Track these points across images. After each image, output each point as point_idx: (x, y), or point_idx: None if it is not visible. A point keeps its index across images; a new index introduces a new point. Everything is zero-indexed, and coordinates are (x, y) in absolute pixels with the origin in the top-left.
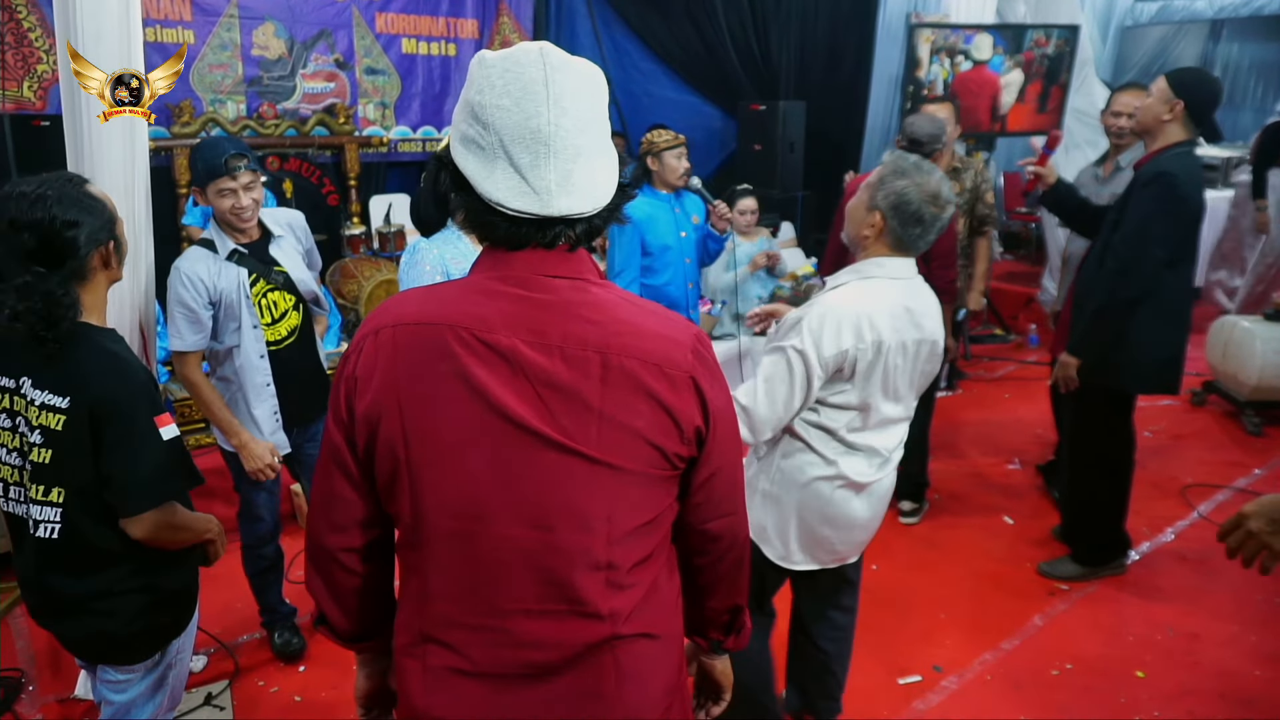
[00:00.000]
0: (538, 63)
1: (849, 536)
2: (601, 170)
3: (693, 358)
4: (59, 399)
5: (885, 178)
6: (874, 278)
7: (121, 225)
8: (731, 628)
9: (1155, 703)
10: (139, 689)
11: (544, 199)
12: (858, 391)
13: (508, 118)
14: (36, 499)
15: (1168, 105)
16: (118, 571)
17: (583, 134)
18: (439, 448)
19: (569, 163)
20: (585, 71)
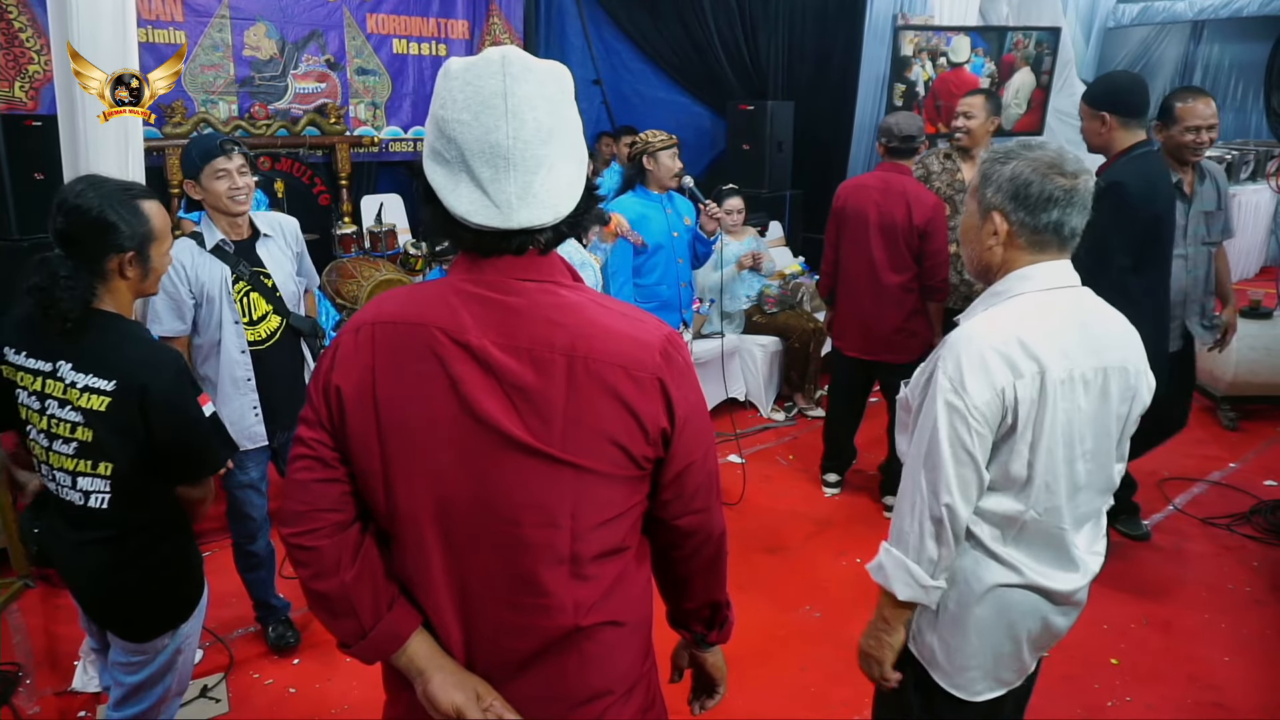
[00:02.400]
0: (497, 74)
1: None
2: (565, 177)
3: (660, 359)
4: (104, 382)
5: (987, 173)
6: (1020, 294)
7: (160, 245)
8: (714, 622)
9: (1128, 688)
10: (150, 671)
11: (505, 213)
12: (1018, 463)
13: (468, 132)
14: (84, 472)
15: (1099, 121)
16: (143, 542)
17: (544, 144)
18: (412, 443)
19: (529, 175)
20: (547, 77)
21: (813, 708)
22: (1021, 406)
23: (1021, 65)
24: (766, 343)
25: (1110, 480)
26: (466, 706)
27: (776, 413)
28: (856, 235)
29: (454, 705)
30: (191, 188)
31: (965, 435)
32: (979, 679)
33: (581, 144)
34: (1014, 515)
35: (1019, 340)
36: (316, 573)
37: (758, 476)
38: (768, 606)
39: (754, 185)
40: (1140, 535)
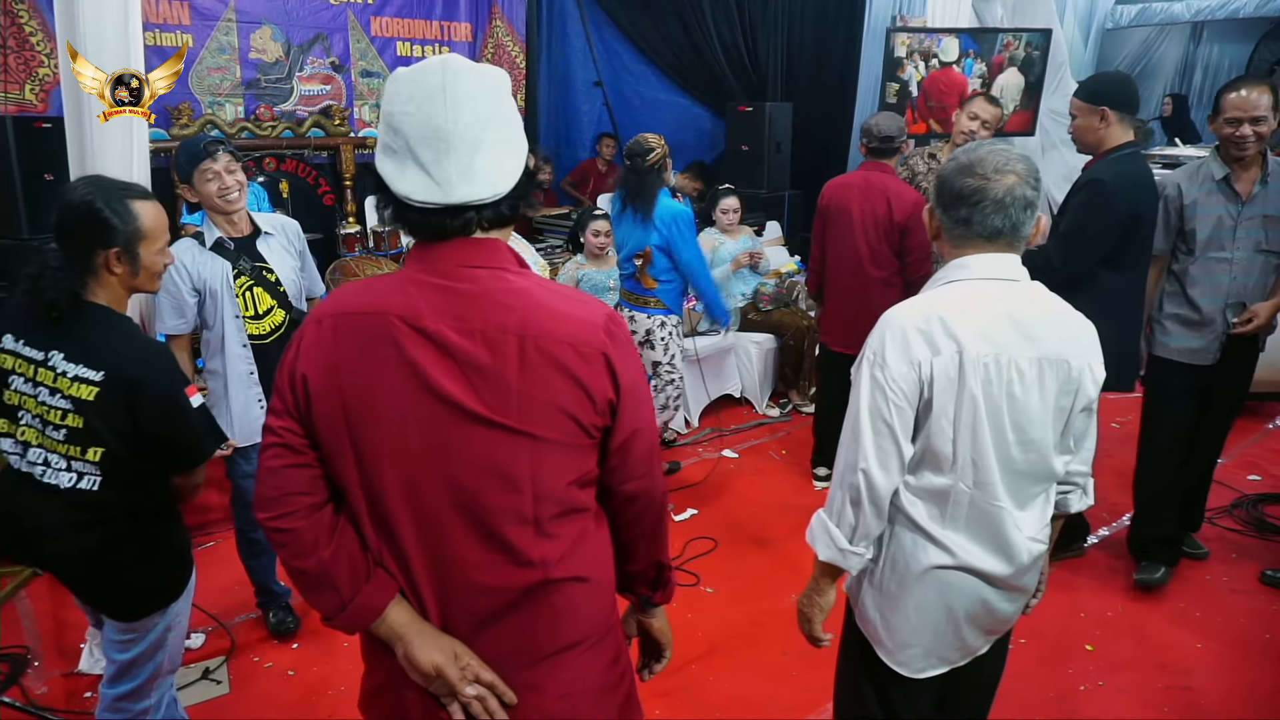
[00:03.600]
0: (438, 72)
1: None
2: (506, 160)
3: (604, 335)
4: (92, 373)
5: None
6: (955, 280)
7: (151, 244)
8: (658, 583)
9: (1101, 673)
10: (141, 648)
11: (445, 189)
12: (941, 439)
13: (412, 121)
14: (75, 456)
15: (1097, 116)
16: (133, 524)
17: (482, 129)
18: (378, 424)
19: (469, 155)
20: (483, 75)
21: (792, 689)
22: (937, 382)
23: (1009, 66)
24: (761, 340)
25: (1052, 470)
26: (446, 665)
27: (771, 409)
28: (841, 232)
29: (434, 664)
30: (186, 191)
31: (884, 406)
32: (919, 656)
33: (520, 138)
34: (944, 489)
35: (940, 319)
36: (296, 552)
37: (750, 471)
38: (753, 594)
39: (753, 186)
40: (1200, 554)
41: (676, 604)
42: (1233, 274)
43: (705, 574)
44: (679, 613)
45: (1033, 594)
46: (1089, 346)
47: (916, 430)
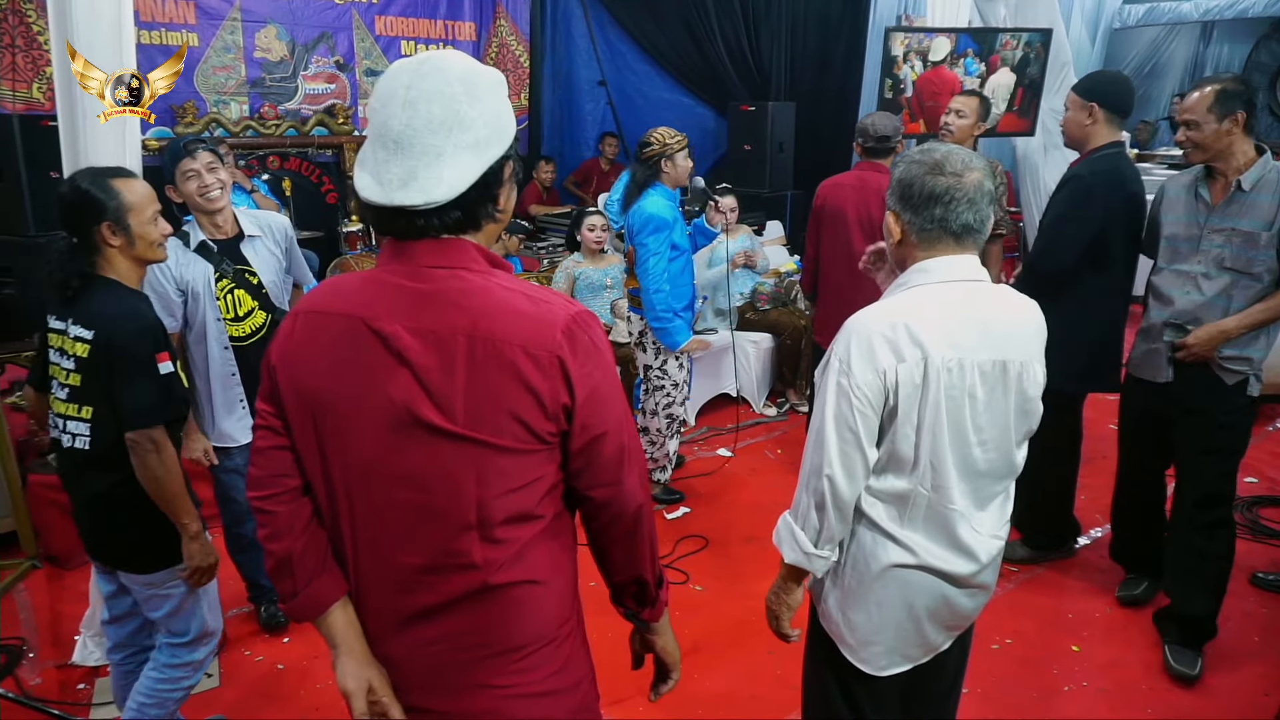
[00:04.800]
0: (411, 70)
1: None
2: (453, 169)
3: (561, 337)
4: (86, 332)
5: (890, 181)
6: (918, 285)
7: (139, 214)
8: (643, 599)
9: (1086, 673)
10: (171, 604)
11: (385, 191)
12: (905, 444)
13: (375, 119)
14: (72, 415)
15: (1086, 111)
16: (125, 481)
17: (434, 134)
18: (336, 421)
19: (414, 160)
20: (455, 78)
21: (775, 687)
22: (903, 389)
23: (1001, 67)
24: (759, 339)
25: (1014, 465)
26: (355, 695)
27: (769, 408)
28: (836, 232)
29: (345, 691)
30: (173, 192)
31: (849, 413)
32: (882, 654)
33: (495, 143)
34: (904, 493)
35: (905, 326)
36: (272, 534)
37: (745, 470)
38: (741, 593)
39: (755, 185)
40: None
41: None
42: (1187, 289)
43: (695, 572)
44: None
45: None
46: (1033, 347)
47: (881, 435)
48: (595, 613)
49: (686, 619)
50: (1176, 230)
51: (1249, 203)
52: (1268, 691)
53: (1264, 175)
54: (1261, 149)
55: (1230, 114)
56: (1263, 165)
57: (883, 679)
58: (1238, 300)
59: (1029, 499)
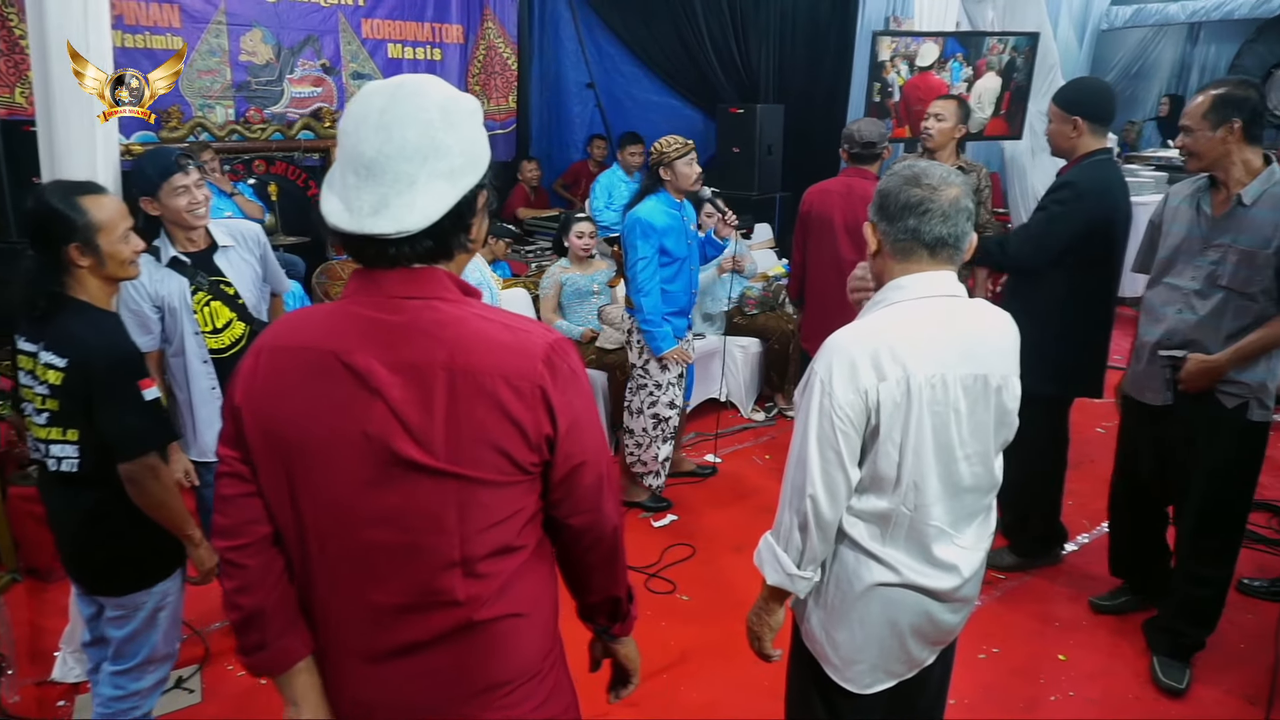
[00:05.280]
0: (384, 92)
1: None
2: (426, 197)
3: (542, 367)
4: (58, 359)
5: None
6: (895, 303)
7: (109, 233)
8: (616, 615)
9: (1072, 683)
10: (134, 625)
11: (355, 219)
12: (887, 463)
13: (347, 142)
14: (58, 439)
15: (1070, 124)
16: (111, 502)
17: (408, 161)
18: (309, 462)
19: (386, 187)
20: (432, 103)
21: (762, 699)
22: (884, 408)
23: (987, 71)
24: (747, 344)
25: (995, 478)
26: None
27: (757, 413)
28: (823, 238)
29: None
30: (149, 204)
31: (831, 434)
32: (867, 672)
33: (467, 171)
34: (886, 512)
35: (887, 345)
36: (241, 586)
37: (732, 476)
38: (729, 602)
39: (744, 188)
40: None
41: (650, 611)
42: (1179, 307)
43: (681, 581)
44: (653, 620)
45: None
46: (1008, 360)
47: (863, 454)
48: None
49: (673, 629)
50: (1176, 242)
51: (1249, 218)
52: (1253, 700)
53: (1267, 190)
54: (1269, 160)
55: (1226, 121)
56: (1266, 179)
57: (867, 696)
58: (1231, 321)
59: (1016, 506)
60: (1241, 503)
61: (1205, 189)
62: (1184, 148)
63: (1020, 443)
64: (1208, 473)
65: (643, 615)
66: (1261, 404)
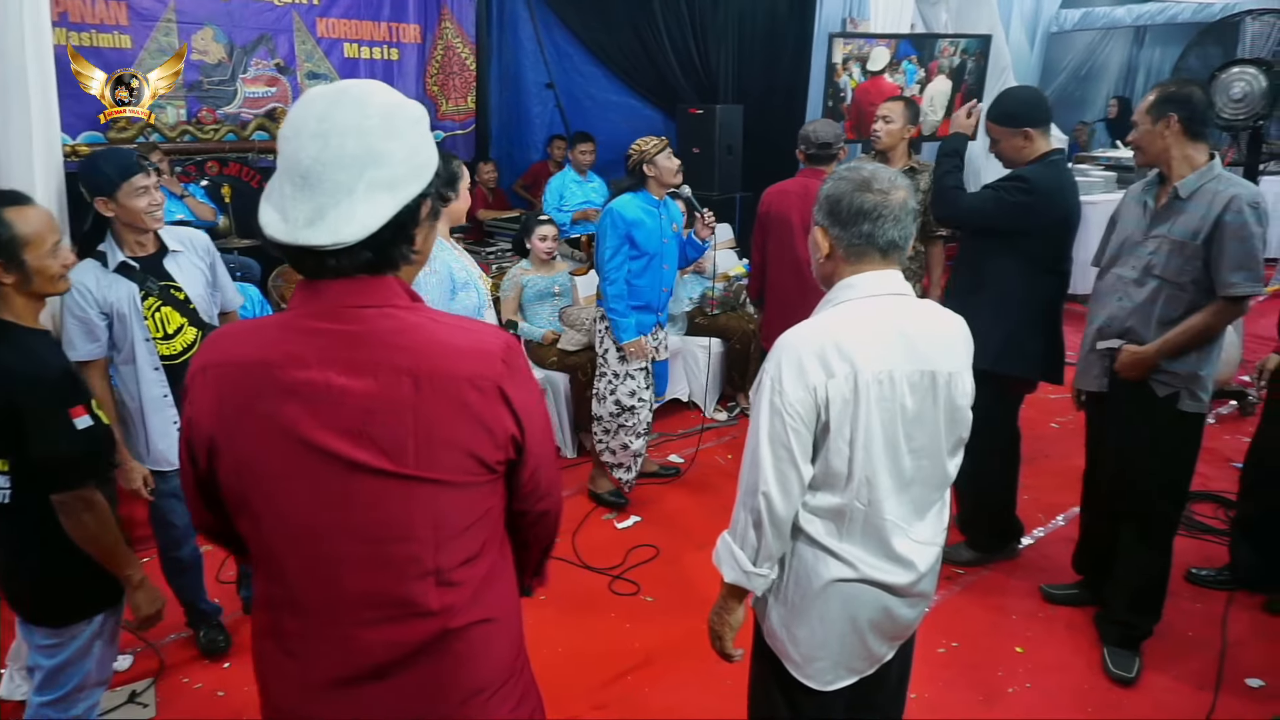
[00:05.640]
0: (325, 98)
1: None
2: (365, 207)
3: (501, 367)
4: None
5: (817, 197)
6: (845, 301)
7: (36, 248)
8: (539, 571)
9: (1029, 674)
10: (66, 654)
11: (291, 229)
12: (838, 459)
13: (286, 148)
14: None
15: (1020, 136)
16: (46, 532)
17: (345, 170)
18: (264, 480)
19: (324, 197)
20: (374, 110)
21: (726, 698)
22: (834, 404)
23: (938, 74)
24: (708, 344)
25: (946, 475)
26: None
27: (719, 413)
28: (781, 238)
29: None
30: (104, 205)
31: (782, 431)
32: (828, 669)
33: (409, 181)
34: (840, 508)
35: (834, 343)
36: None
37: (696, 476)
38: (693, 602)
39: (704, 188)
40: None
41: (614, 614)
42: (1119, 295)
43: (645, 582)
44: (617, 623)
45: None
46: (958, 356)
47: (815, 451)
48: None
49: (637, 630)
50: (1124, 235)
51: (1183, 211)
52: (1201, 687)
53: (1202, 185)
54: (1214, 157)
55: (1163, 116)
56: (1202, 174)
57: (828, 693)
58: (1163, 310)
59: (972, 501)
60: (1175, 491)
61: (1154, 184)
62: (1131, 142)
63: (974, 439)
64: (1141, 460)
65: (607, 618)
66: (1192, 395)
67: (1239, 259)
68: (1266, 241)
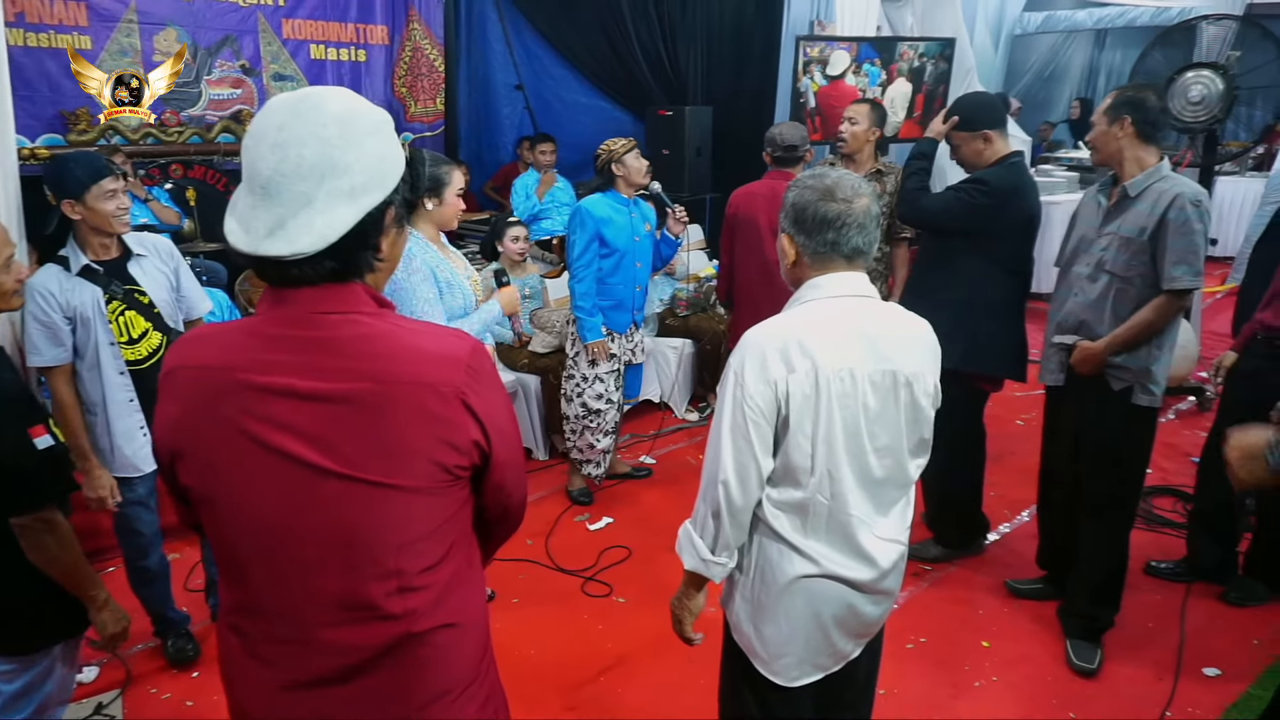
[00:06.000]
0: (285, 107)
1: None
2: (324, 217)
3: (465, 374)
4: None
5: (783, 204)
6: (810, 301)
7: None
8: (487, 559)
9: (996, 668)
10: (27, 679)
11: (252, 240)
12: (799, 454)
13: (246, 157)
14: None
15: (980, 139)
16: (9, 557)
17: (304, 180)
18: (226, 483)
19: (283, 207)
20: (332, 120)
21: (699, 697)
22: (793, 399)
23: (898, 77)
24: (679, 345)
25: (908, 475)
26: None
27: (690, 413)
28: (749, 240)
29: None
30: (71, 208)
31: (743, 423)
32: (793, 665)
33: (371, 189)
34: (803, 502)
35: (797, 339)
36: None
37: (667, 477)
38: (664, 603)
39: (674, 189)
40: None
41: (587, 615)
42: (1075, 291)
43: (618, 584)
44: (590, 624)
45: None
46: (918, 357)
47: (776, 446)
48: (520, 628)
49: (610, 633)
50: (1081, 233)
51: (1132, 208)
52: (1160, 676)
53: (1151, 184)
54: (1164, 159)
55: (1118, 119)
56: (1150, 174)
57: (795, 689)
58: (1115, 305)
59: (939, 498)
60: (1130, 484)
61: (1109, 184)
62: (1088, 141)
63: (940, 437)
64: (1096, 454)
65: (579, 619)
66: (1145, 389)
67: (1180, 254)
68: (1209, 239)
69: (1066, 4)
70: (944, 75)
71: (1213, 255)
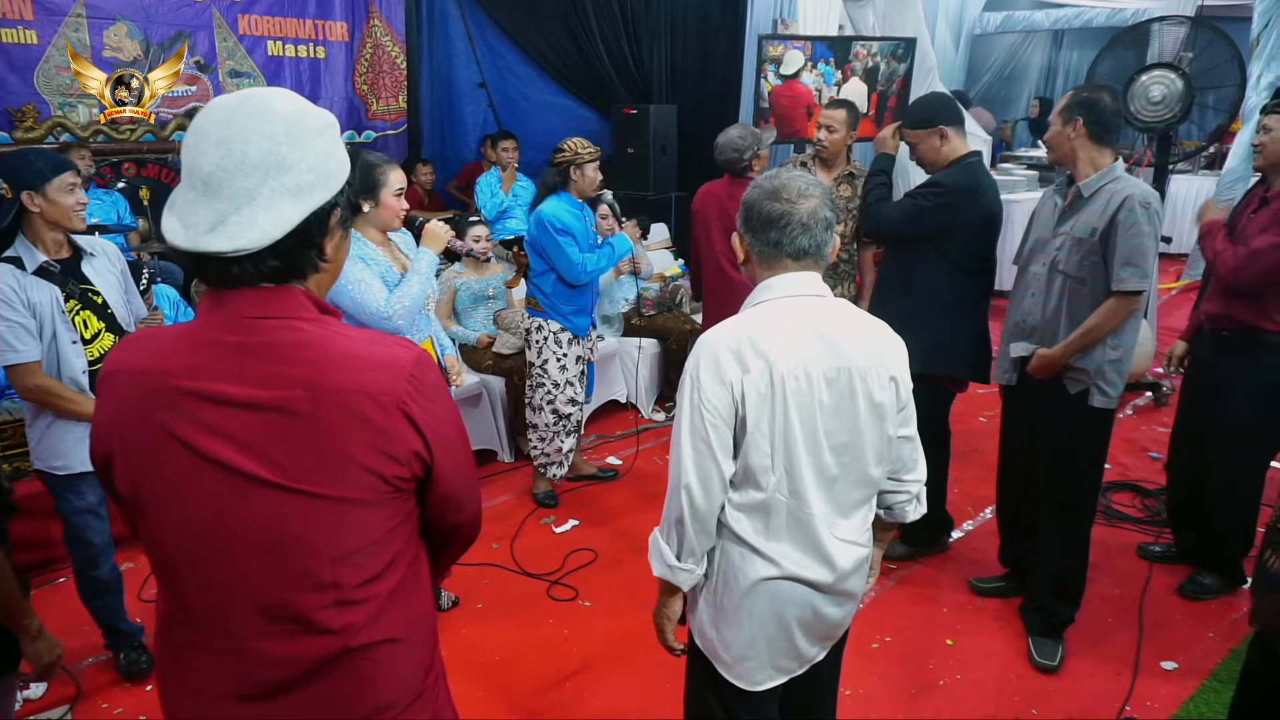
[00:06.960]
0: (229, 106)
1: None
2: (268, 214)
3: (406, 384)
4: None
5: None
6: (763, 302)
7: None
8: (443, 574)
9: (960, 666)
10: None
11: (191, 235)
12: (758, 454)
13: (187, 155)
14: None
15: (937, 135)
16: None
17: (248, 177)
18: (158, 491)
19: (224, 204)
20: (277, 118)
21: (664, 701)
22: (749, 399)
23: (852, 77)
24: (646, 345)
25: (869, 475)
26: None
27: (657, 413)
28: (704, 238)
29: None
30: (31, 199)
31: (702, 426)
32: (757, 669)
33: (317, 188)
34: (764, 503)
35: (750, 340)
36: None
37: (634, 478)
38: (631, 606)
39: (639, 188)
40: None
41: (553, 620)
42: (1032, 291)
43: (584, 587)
44: (555, 629)
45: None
46: (885, 354)
47: (736, 447)
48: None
49: (576, 637)
50: (1038, 233)
51: (1085, 209)
52: (1120, 671)
53: (1103, 184)
54: (1116, 159)
55: (1072, 120)
56: (1104, 174)
57: (759, 693)
58: (1070, 306)
59: None
60: (1088, 483)
61: (1065, 184)
62: (1045, 140)
63: None
64: (1054, 454)
65: (545, 624)
66: (1101, 390)
67: (1128, 254)
68: (1162, 237)
69: (1025, 4)
70: (899, 74)
71: (1167, 252)
